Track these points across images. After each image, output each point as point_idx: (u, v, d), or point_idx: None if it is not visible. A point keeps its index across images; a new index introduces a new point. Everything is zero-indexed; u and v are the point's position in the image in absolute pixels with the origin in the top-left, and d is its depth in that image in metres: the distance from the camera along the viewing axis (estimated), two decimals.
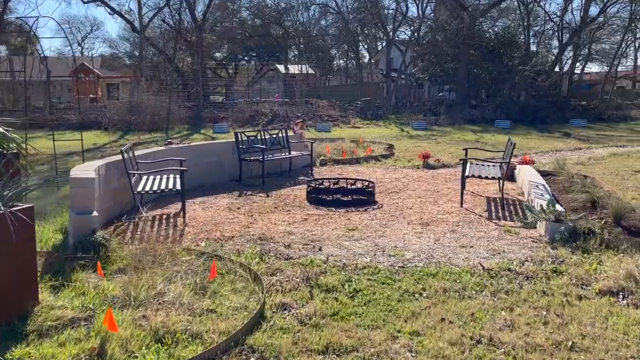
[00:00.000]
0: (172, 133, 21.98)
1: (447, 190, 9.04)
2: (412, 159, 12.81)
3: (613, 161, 12.53)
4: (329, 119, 26.03)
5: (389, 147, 15.17)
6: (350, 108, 29.88)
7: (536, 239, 5.95)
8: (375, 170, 11.32)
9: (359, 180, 8.99)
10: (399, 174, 10.72)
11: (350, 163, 12.22)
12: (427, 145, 16.29)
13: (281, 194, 8.75)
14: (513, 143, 7.79)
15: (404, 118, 26.61)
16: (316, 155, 12.65)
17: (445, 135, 20.28)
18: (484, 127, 23.45)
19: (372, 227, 6.55)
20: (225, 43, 48.80)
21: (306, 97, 30.18)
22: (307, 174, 10.74)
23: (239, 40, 47.54)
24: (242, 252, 5.44)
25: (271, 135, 10.66)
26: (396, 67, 36.43)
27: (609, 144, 16.25)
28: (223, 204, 7.89)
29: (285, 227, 6.54)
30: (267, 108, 25.57)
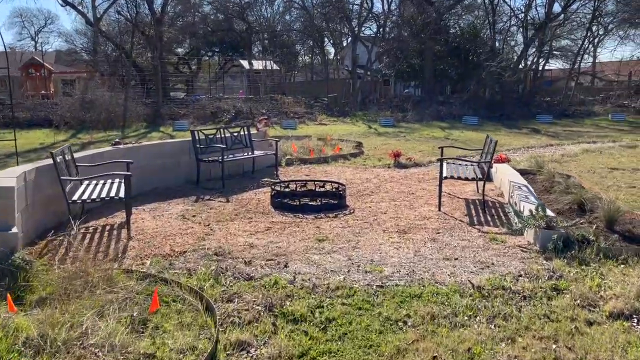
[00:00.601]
0: (129, 131, 20.79)
1: (422, 191, 8.43)
2: (383, 158, 12.19)
3: (587, 158, 12.22)
4: (294, 115, 25.26)
5: (358, 145, 14.53)
6: (317, 105, 29.18)
7: (526, 248, 5.36)
8: (344, 170, 10.64)
9: (328, 182, 8.28)
10: (370, 174, 10.07)
11: (318, 162, 11.51)
12: (397, 143, 15.73)
13: (243, 198, 7.96)
14: (494, 141, 7.21)
15: (371, 115, 26.08)
16: (282, 154, 11.88)
17: (413, 132, 19.81)
18: (451, 124, 23.12)
19: (344, 236, 5.85)
20: (187, 38, 47.41)
21: (271, 93, 29.30)
22: (272, 175, 9.97)
23: (201, 36, 46.24)
24: (194, 271, 4.65)
25: (232, 134, 9.83)
26: (362, 63, 35.93)
27: (579, 140, 16.05)
28: (177, 211, 7.05)
29: (246, 238, 5.77)
30: (230, 104, 24.59)
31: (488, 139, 7.98)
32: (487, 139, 8.10)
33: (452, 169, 7.62)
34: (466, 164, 8.10)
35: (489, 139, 7.87)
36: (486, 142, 8.13)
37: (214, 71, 48.86)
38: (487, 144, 7.99)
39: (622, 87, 34.23)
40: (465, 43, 31.81)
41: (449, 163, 8.06)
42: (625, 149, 13.76)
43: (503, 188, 8.21)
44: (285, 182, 8.41)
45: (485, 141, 8.22)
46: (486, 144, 8.08)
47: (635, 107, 28.53)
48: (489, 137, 8.04)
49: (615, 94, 32.96)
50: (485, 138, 8.31)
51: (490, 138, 7.77)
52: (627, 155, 12.64)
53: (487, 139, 8.10)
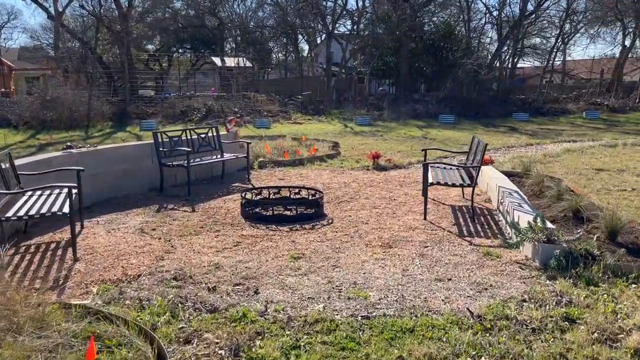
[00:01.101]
0: (93, 131, 19.77)
1: (405, 197, 7.86)
2: (361, 159, 11.61)
3: (569, 158, 11.87)
4: (268, 114, 24.54)
5: (334, 145, 13.93)
6: (291, 103, 28.48)
7: (524, 265, 4.83)
8: (321, 173, 10.02)
9: (304, 188, 7.65)
10: (348, 178, 9.47)
11: (292, 165, 10.85)
12: (374, 143, 15.19)
13: (210, 207, 7.26)
14: (483, 144, 6.67)
15: (347, 113, 25.52)
16: (254, 156, 11.20)
17: (390, 131, 19.32)
18: (428, 122, 22.72)
19: (322, 252, 5.22)
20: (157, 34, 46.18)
21: (244, 91, 28.48)
22: (244, 180, 9.28)
23: (172, 32, 45.10)
24: (147, 302, 3.96)
25: (199, 135, 9.10)
26: (337, 61, 35.34)
27: (559, 139, 15.77)
28: (135, 223, 6.31)
29: (211, 256, 5.09)
30: (201, 103, 23.70)
31: (475, 140, 7.46)
32: (474, 140, 7.58)
33: (437, 174, 7.06)
34: (452, 168, 7.55)
35: (477, 140, 7.34)
36: (472, 144, 7.61)
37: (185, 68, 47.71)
38: (474, 145, 7.46)
39: (595, 85, 34.48)
40: (440, 40, 31.54)
41: (433, 167, 7.50)
42: (607, 149, 13.49)
43: (490, 193, 7.71)
44: (257, 188, 7.73)
45: (472, 142, 7.70)
46: (473, 145, 7.55)
47: (608, 105, 28.67)
48: (475, 138, 7.52)
49: (588, 91, 33.16)
50: (472, 139, 7.79)
51: (478, 140, 7.24)
52: (609, 155, 12.35)
53: (474, 140, 7.58)
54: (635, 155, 12.30)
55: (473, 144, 7.51)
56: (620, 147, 13.82)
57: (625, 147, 13.70)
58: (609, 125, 22.16)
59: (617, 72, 33.27)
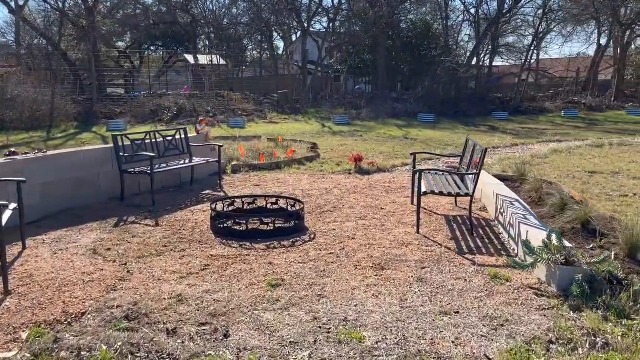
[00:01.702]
0: (56, 132, 18.62)
1: (393, 205, 7.18)
2: (342, 162, 10.90)
3: (559, 159, 11.37)
4: (242, 113, 23.66)
5: (313, 146, 13.19)
6: (266, 101, 27.65)
7: (539, 290, 4.18)
8: (300, 178, 9.27)
9: (282, 197, 6.90)
10: (330, 183, 8.75)
11: (269, 169, 10.08)
12: (354, 144, 14.50)
13: (176, 219, 6.45)
14: (484, 148, 6.02)
15: (324, 112, 24.81)
16: (227, 159, 10.40)
17: (370, 130, 18.67)
18: (407, 122, 22.17)
19: (305, 277, 4.48)
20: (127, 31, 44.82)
21: (218, 89, 27.50)
22: (215, 187, 8.47)
23: (143, 29, 43.78)
24: (89, 353, 3.17)
25: (165, 138, 8.25)
26: (313, 59, 34.62)
27: (543, 139, 15.33)
28: (88, 242, 5.47)
29: (174, 284, 4.31)
30: (172, 101, 22.69)
31: (470, 143, 6.81)
32: (469, 142, 6.94)
33: (430, 182, 6.37)
34: (444, 174, 6.89)
35: (472, 143, 6.70)
36: (467, 147, 6.96)
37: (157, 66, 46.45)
38: (468, 148, 6.81)
39: (571, 83, 34.52)
40: (418, 38, 31.10)
41: (424, 173, 6.82)
42: (594, 149, 13.07)
43: (486, 200, 7.08)
44: (229, 198, 6.95)
45: (466, 145, 7.05)
46: (467, 148, 6.91)
47: (585, 104, 28.61)
48: (470, 141, 6.88)
49: (565, 90, 33.16)
50: (466, 141, 7.14)
51: (474, 143, 6.59)
52: (598, 156, 11.90)
53: (469, 142, 6.94)
54: (624, 155, 11.88)
55: (468, 147, 6.87)
56: (607, 147, 13.43)
57: (612, 147, 13.31)
58: (589, 124, 21.96)
59: (594, 71, 33.34)
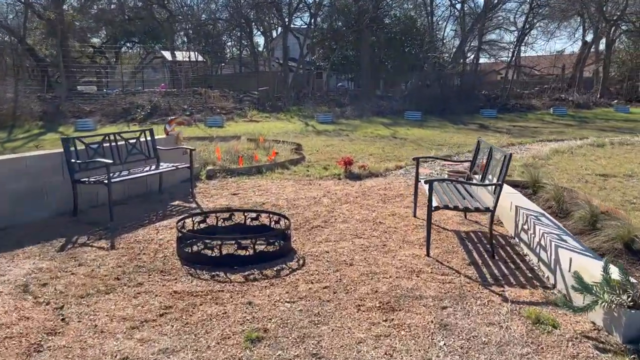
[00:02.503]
0: (18, 132, 17.29)
1: (392, 218, 6.20)
2: (329, 165, 9.90)
3: (563, 161, 10.53)
4: (221, 111, 22.51)
5: (297, 147, 12.15)
6: (247, 99, 26.52)
7: (599, 342, 3.23)
8: (284, 184, 8.23)
9: (264, 212, 5.86)
10: (318, 191, 7.73)
11: (248, 174, 9.02)
12: (341, 144, 13.51)
13: (137, 239, 5.37)
14: (507, 155, 5.05)
15: (307, 110, 23.78)
16: (202, 162, 9.32)
17: (355, 129, 17.70)
18: (394, 120, 21.28)
19: (295, 325, 3.46)
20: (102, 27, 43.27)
21: (194, 86, 26.26)
22: (187, 196, 7.39)
23: (118, 24, 42.25)
24: None
25: (127, 141, 7.13)
26: (294, 55, 33.55)
27: (539, 138, 14.53)
28: (19, 274, 4.37)
29: (121, 340, 3.25)
30: (146, 99, 21.43)
31: (484, 146, 5.85)
32: (481, 145, 5.99)
33: (440, 194, 5.39)
34: (453, 182, 5.91)
35: (488, 147, 5.73)
36: (479, 151, 6.00)
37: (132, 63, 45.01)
38: (482, 153, 5.85)
39: (557, 80, 34.05)
40: (402, 34, 30.26)
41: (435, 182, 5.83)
42: (596, 149, 12.29)
43: (500, 212, 6.14)
44: (200, 213, 5.88)
45: (477, 149, 6.09)
46: (480, 152, 5.95)
47: (573, 101, 28.09)
48: (483, 143, 5.93)
49: (550, 87, 32.66)
50: (477, 144, 6.18)
51: (491, 147, 5.62)
52: (602, 156, 11.10)
53: (481, 145, 5.99)
54: (630, 156, 11.11)
55: (481, 150, 5.91)
56: (609, 146, 12.67)
57: (614, 147, 12.56)
58: (580, 122, 21.33)
59: (579, 68, 32.90)
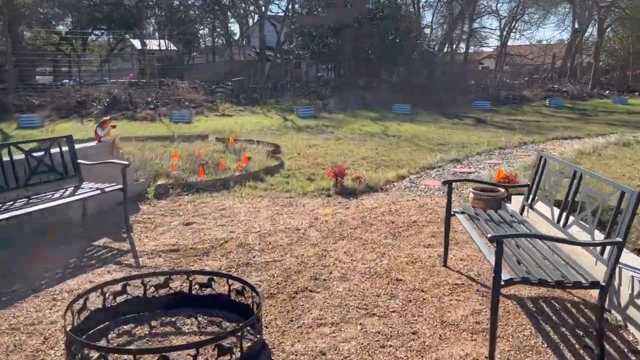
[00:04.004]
0: None
1: (414, 270, 4.24)
2: (315, 175, 7.92)
3: (596, 166, 8.71)
4: (190, 104, 20.29)
5: (274, 150, 10.13)
6: (219, 91, 24.31)
7: None
8: (257, 206, 6.22)
9: (220, 275, 3.85)
10: (302, 217, 5.75)
11: (211, 189, 6.98)
12: (326, 144, 11.52)
13: (11, 325, 3.32)
14: (636, 195, 3.10)
15: (286, 103, 21.71)
16: (152, 174, 7.26)
17: (341, 125, 15.73)
18: (382, 114, 19.34)
19: None
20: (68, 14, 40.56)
21: (161, 77, 23.91)
22: (119, 230, 5.33)
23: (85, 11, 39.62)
24: None
25: (29, 155, 5.01)
26: (271, 44, 31.37)
27: (553, 136, 12.72)
28: None
29: None
30: (104, 91, 19.08)
31: (551, 168, 3.93)
32: (545, 164, 4.06)
33: (510, 256, 3.39)
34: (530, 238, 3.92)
35: (563, 169, 3.82)
36: (544, 174, 4.07)
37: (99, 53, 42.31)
38: (546, 176, 3.92)
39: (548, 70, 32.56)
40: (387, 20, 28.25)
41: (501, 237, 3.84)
42: (623, 149, 10.53)
43: None
44: (118, 280, 3.85)
45: (540, 172, 4.15)
46: (547, 178, 4.02)
47: (568, 92, 26.54)
48: (548, 163, 4.00)
49: (541, 77, 31.15)
50: (539, 162, 4.24)
51: (582, 175, 3.67)
52: (637, 159, 9.35)
53: (545, 164, 4.06)
54: None
55: (547, 175, 3.97)
56: (636, 145, 10.95)
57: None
58: (581, 114, 19.72)
59: (571, 57, 31.42)
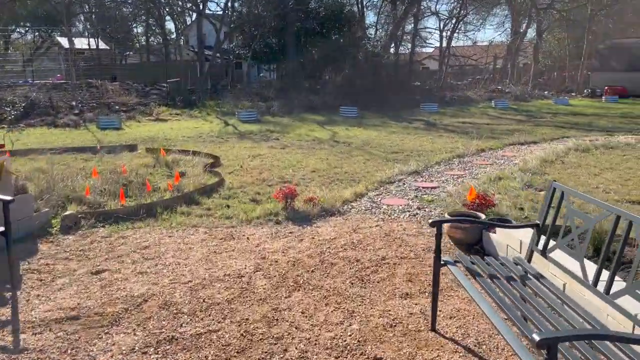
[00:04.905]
0: None
1: (394, 338, 3.24)
2: (260, 195, 6.82)
3: (564, 177, 8.09)
4: (121, 108, 18.60)
5: (213, 163, 8.93)
6: (154, 93, 22.63)
7: None
8: (188, 242, 5.05)
9: None
10: (246, 256, 4.65)
11: (133, 218, 5.73)
12: (271, 154, 10.42)
13: None
14: None
15: (227, 105, 20.38)
16: (60, 199, 5.94)
17: (287, 130, 14.66)
18: (328, 117, 18.44)
19: None
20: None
21: (89, 78, 21.94)
22: (3, 285, 4.03)
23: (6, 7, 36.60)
24: None
25: None
26: (211, 44, 29.81)
27: (510, 141, 12.13)
28: None
29: None
30: (21, 94, 17.08)
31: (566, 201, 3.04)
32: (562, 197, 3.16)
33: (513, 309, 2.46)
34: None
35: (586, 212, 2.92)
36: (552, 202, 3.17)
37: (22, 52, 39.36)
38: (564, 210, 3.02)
39: (490, 71, 32.81)
40: (330, 19, 27.39)
41: None
42: (584, 155, 10.04)
43: None
44: None
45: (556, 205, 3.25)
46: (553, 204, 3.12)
47: (512, 93, 26.65)
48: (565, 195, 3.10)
49: (484, 78, 31.31)
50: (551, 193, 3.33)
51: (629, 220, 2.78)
52: (601, 166, 8.81)
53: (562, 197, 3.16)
54: (631, 164, 8.92)
55: (567, 214, 3.07)
56: (595, 151, 10.49)
57: (603, 152, 10.38)
58: (527, 116, 19.54)
59: (511, 58, 31.77)
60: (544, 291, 2.76)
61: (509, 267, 3.12)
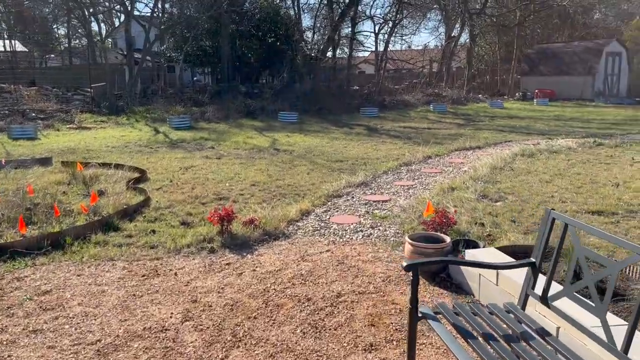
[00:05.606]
0: None
1: None
2: (192, 216, 5.96)
3: (517, 185, 7.75)
4: (38, 115, 16.96)
5: (138, 178, 7.93)
6: (77, 98, 20.93)
7: None
8: (101, 284, 4.14)
9: None
10: (171, 299, 3.80)
11: (33, 253, 4.73)
12: (205, 165, 9.52)
13: None
14: None
15: (157, 111, 19.09)
16: None
17: (223, 138, 13.74)
18: (267, 123, 17.66)
19: None
20: None
21: (1, 82, 19.95)
22: None
23: None
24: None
25: None
26: (140, 46, 28.21)
27: (454, 146, 11.83)
28: None
29: None
30: None
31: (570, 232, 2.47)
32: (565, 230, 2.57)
33: None
34: None
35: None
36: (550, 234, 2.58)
37: None
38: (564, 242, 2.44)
39: (427, 75, 33.11)
40: (266, 22, 26.61)
41: None
42: (531, 161, 9.85)
43: None
44: None
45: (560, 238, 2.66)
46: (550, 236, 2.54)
47: (448, 97, 26.88)
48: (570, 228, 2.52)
49: (421, 82, 31.53)
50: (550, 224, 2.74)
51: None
52: (549, 173, 8.59)
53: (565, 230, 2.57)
54: (579, 169, 8.75)
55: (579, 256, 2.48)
56: (540, 156, 10.36)
57: (548, 157, 10.25)
58: (466, 120, 19.60)
59: (446, 62, 32.21)
60: (555, 356, 2.15)
61: (502, 318, 2.50)
